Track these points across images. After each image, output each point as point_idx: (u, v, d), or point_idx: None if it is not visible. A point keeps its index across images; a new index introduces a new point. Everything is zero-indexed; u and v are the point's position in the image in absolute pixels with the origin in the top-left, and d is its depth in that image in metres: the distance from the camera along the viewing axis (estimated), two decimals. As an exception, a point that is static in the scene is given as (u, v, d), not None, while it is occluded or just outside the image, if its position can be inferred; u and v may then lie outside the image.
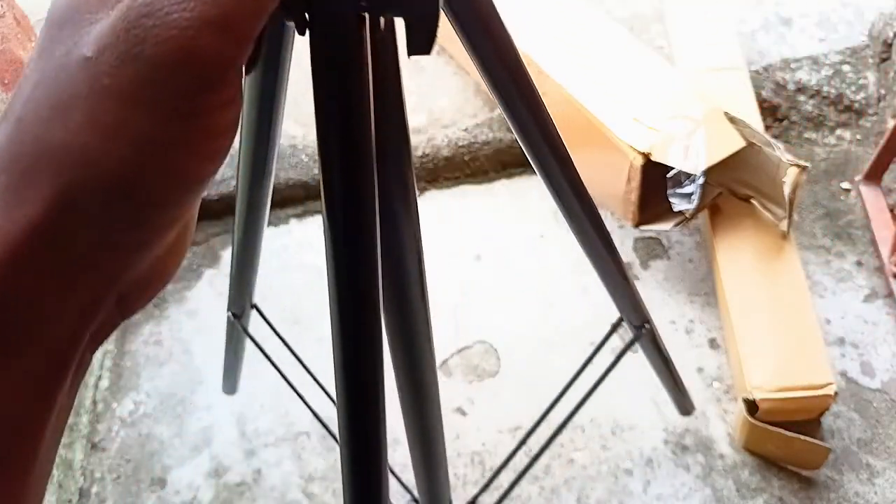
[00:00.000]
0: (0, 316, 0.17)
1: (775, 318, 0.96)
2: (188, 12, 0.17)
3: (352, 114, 0.25)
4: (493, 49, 0.40)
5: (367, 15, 0.24)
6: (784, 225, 1.00)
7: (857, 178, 1.19)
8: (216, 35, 0.18)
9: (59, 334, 0.19)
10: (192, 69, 0.18)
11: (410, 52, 0.26)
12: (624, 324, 0.74)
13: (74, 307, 0.19)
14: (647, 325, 0.76)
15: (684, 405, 0.91)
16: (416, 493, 0.62)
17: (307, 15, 0.23)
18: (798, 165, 0.96)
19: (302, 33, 0.24)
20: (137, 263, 0.20)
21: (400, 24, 0.25)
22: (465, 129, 1.27)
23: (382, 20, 0.25)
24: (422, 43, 0.25)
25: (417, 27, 0.24)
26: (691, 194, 0.96)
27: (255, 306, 0.76)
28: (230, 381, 0.92)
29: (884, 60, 1.29)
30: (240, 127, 0.33)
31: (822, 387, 0.89)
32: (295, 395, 0.84)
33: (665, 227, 1.02)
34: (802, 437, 0.89)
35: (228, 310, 0.75)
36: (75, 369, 0.20)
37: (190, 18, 0.17)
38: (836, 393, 0.89)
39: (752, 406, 0.91)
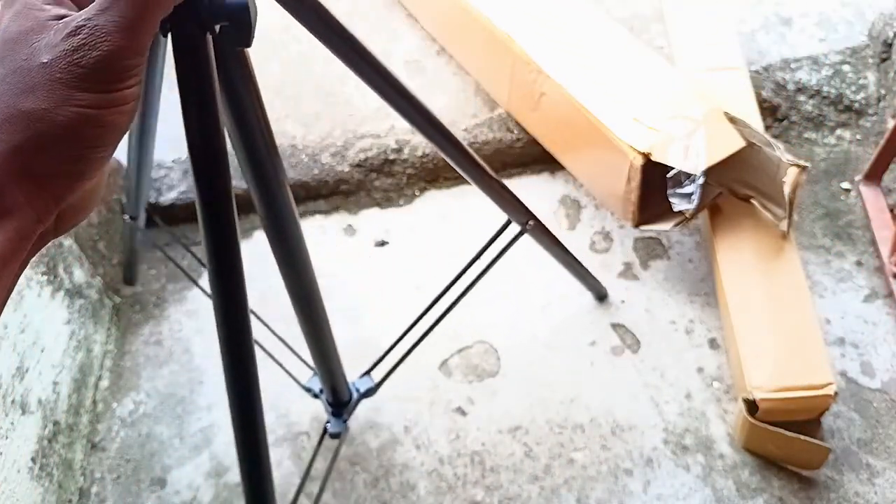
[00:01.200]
0: None
1: (775, 317, 0.96)
2: (106, 43, 0.30)
3: (202, 90, 0.39)
4: (323, 23, 0.55)
5: (205, 27, 0.38)
6: (784, 225, 1.00)
7: (857, 178, 1.19)
8: (129, 48, 0.31)
9: (23, 222, 0.30)
10: (115, 66, 0.31)
11: (237, 45, 0.42)
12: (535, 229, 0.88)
13: (33, 209, 0.31)
14: (531, 222, 0.87)
15: (596, 289, 1.07)
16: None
17: (168, 25, 0.37)
18: (798, 165, 0.96)
19: (164, 36, 0.37)
20: (75, 191, 0.32)
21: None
22: (465, 129, 1.27)
23: (217, 26, 0.38)
24: (243, 39, 0.39)
25: (237, 28, 0.38)
26: (691, 194, 0.96)
27: (149, 210, 1.05)
28: (129, 273, 1.19)
29: (884, 60, 1.29)
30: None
31: (822, 387, 0.89)
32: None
33: (665, 227, 1.02)
34: (802, 437, 0.89)
35: (125, 213, 1.03)
36: (27, 254, 0.32)
37: (108, 45, 0.31)
38: (836, 393, 0.89)
39: (752, 406, 0.91)
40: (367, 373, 0.90)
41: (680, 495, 0.94)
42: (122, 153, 1.28)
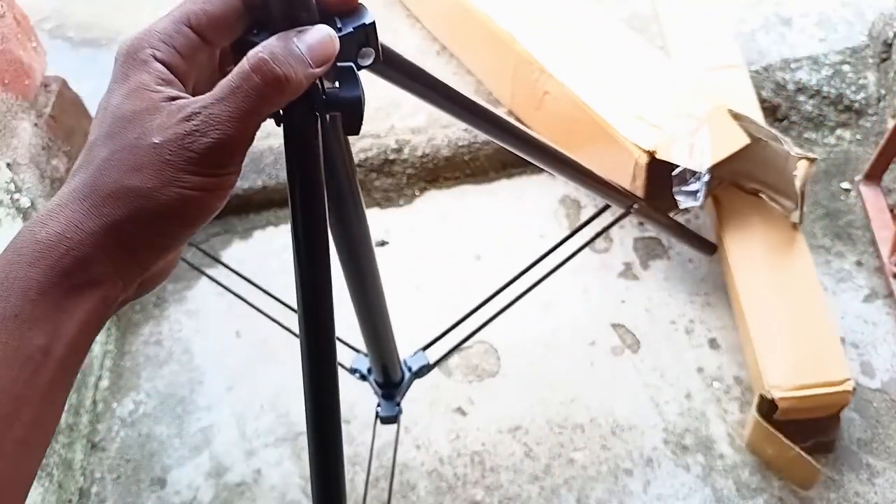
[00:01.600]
0: (85, 272, 0.31)
1: (789, 314, 0.96)
2: (217, 131, 0.32)
3: (309, 168, 0.40)
4: (428, 85, 0.57)
5: (317, 113, 0.39)
6: (795, 216, 1.00)
7: (857, 178, 1.19)
8: (239, 138, 0.32)
9: (110, 291, 0.32)
10: (223, 153, 0.32)
11: (345, 132, 0.43)
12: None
13: (121, 278, 0.32)
14: (635, 205, 0.88)
15: (705, 247, 1.08)
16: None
17: (281, 113, 0.38)
18: (807, 158, 0.96)
19: (278, 124, 0.38)
20: (160, 261, 0.34)
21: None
22: (466, 129, 1.27)
23: (328, 116, 0.40)
24: (353, 127, 0.40)
25: (348, 117, 0.40)
26: (697, 192, 0.96)
27: None
28: None
29: (884, 60, 1.29)
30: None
31: (840, 383, 0.89)
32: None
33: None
34: (799, 450, 0.88)
35: None
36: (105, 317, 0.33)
37: (219, 133, 0.32)
38: (854, 389, 0.89)
39: (770, 405, 0.91)
40: (424, 349, 0.87)
41: (680, 495, 0.94)
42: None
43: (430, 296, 1.15)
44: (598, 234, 0.96)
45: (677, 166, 0.96)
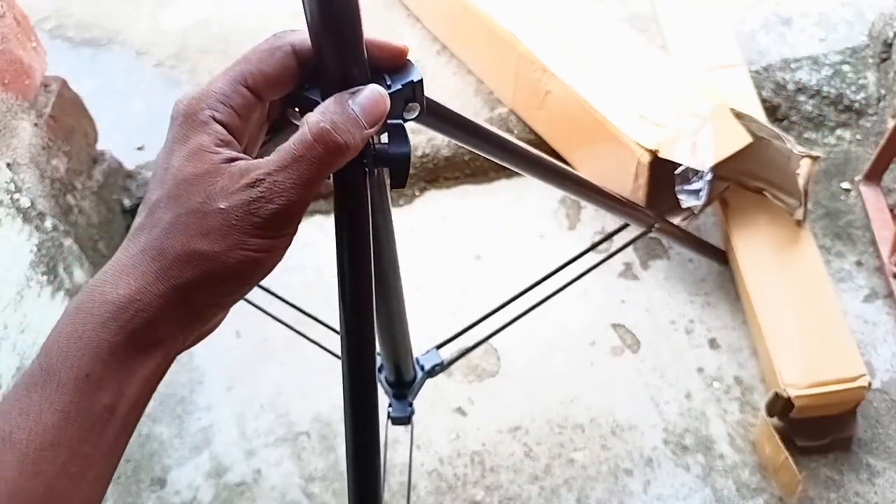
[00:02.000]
0: (152, 332, 0.32)
1: (801, 312, 0.97)
2: (282, 198, 0.33)
3: (357, 219, 0.42)
4: (467, 130, 0.59)
5: (367, 167, 0.40)
6: (799, 213, 1.01)
7: (857, 178, 1.19)
8: (301, 203, 0.34)
9: (172, 348, 0.34)
10: (286, 217, 0.33)
11: (393, 187, 0.43)
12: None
13: (182, 335, 0.34)
14: (657, 224, 0.90)
15: (719, 257, 1.10)
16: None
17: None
18: (810, 156, 0.96)
19: (328, 178, 0.39)
20: (220, 317, 0.36)
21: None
22: (465, 129, 1.27)
23: (375, 170, 0.42)
24: (400, 181, 0.41)
25: (396, 172, 0.41)
26: (699, 190, 0.97)
27: None
28: None
29: (884, 60, 1.29)
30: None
31: (855, 379, 0.89)
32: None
33: (673, 222, 1.02)
34: (788, 455, 0.89)
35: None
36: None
37: (283, 200, 0.33)
38: (869, 384, 0.89)
39: (785, 404, 0.91)
40: (438, 348, 0.85)
41: (680, 495, 0.94)
42: (121, 154, 1.28)
43: (430, 296, 1.15)
44: (617, 251, 0.95)
45: (680, 165, 0.96)
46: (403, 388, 0.80)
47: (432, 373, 0.83)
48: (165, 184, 0.34)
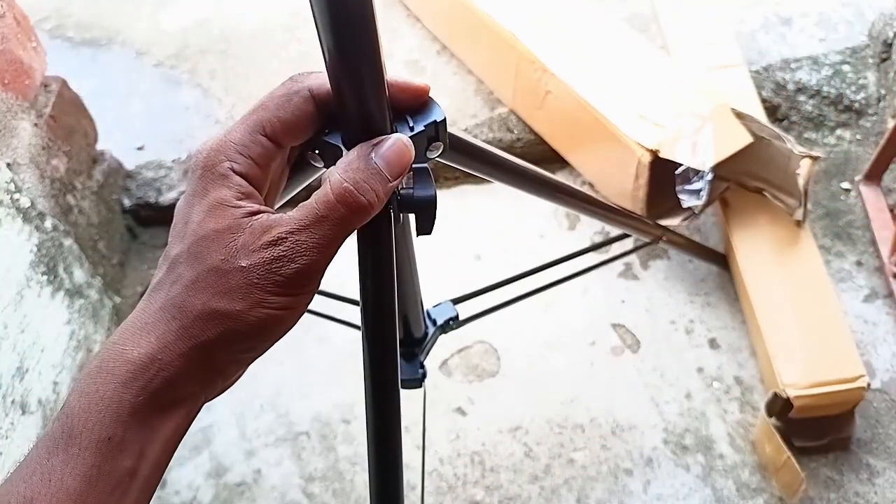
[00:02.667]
0: (173, 392, 0.32)
1: (800, 312, 0.97)
2: (304, 258, 0.32)
3: (381, 264, 0.41)
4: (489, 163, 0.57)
5: (392, 212, 0.39)
6: (799, 214, 1.01)
7: (857, 178, 1.19)
8: (323, 262, 0.33)
9: (194, 407, 0.33)
10: (309, 276, 0.33)
11: (418, 234, 0.42)
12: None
13: (204, 393, 0.33)
14: (664, 237, 0.91)
15: (721, 262, 1.10)
16: None
17: None
18: (810, 156, 0.96)
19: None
20: (240, 373, 0.35)
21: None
22: (465, 129, 1.27)
23: (401, 215, 0.40)
24: (426, 227, 0.40)
25: (422, 218, 0.40)
26: (700, 190, 0.97)
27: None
28: None
29: (884, 60, 1.29)
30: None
31: (854, 379, 0.89)
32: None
33: (673, 222, 1.02)
34: (790, 455, 0.89)
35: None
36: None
37: (306, 259, 0.32)
38: (869, 384, 0.89)
39: (784, 404, 0.91)
40: (455, 303, 0.77)
41: (680, 495, 0.94)
42: (121, 155, 1.28)
43: (430, 296, 1.15)
44: (618, 256, 0.97)
45: (680, 165, 0.96)
46: (413, 346, 0.71)
47: (446, 328, 0.74)
48: (185, 239, 0.33)
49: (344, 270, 0.67)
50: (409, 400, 1.07)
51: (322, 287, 0.83)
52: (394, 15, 1.48)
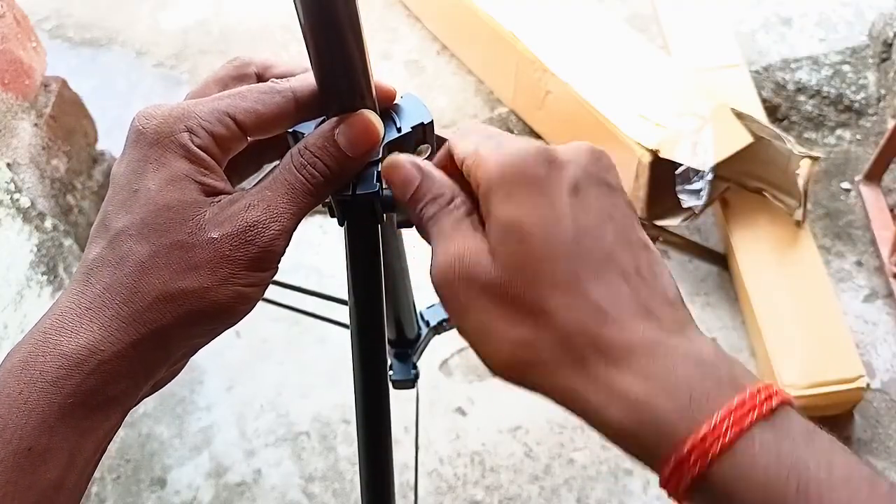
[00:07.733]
0: (113, 388, 0.28)
1: (800, 313, 0.97)
2: (277, 224, 0.31)
3: (368, 267, 0.42)
4: None
5: (376, 208, 0.39)
6: (798, 214, 1.01)
7: (857, 178, 1.19)
8: (288, 233, 0.32)
9: (130, 402, 0.29)
10: (278, 247, 0.31)
11: (404, 226, 0.44)
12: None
13: (146, 384, 0.30)
14: (660, 238, 0.91)
15: (719, 261, 1.07)
16: None
17: (342, 213, 0.40)
18: (810, 157, 0.96)
19: (341, 225, 0.40)
20: (182, 364, 0.32)
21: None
22: (465, 129, 1.27)
23: (385, 215, 0.41)
24: (406, 224, 0.40)
25: (403, 219, 0.40)
26: (700, 190, 0.97)
27: None
28: None
29: (884, 60, 1.29)
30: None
31: (853, 380, 0.89)
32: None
33: (674, 222, 1.02)
34: None
35: None
36: None
37: (278, 226, 0.31)
38: (868, 385, 0.89)
39: None
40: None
41: (680, 495, 0.94)
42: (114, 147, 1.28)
43: (430, 295, 1.15)
44: None
45: (680, 165, 0.96)
46: (406, 347, 0.71)
47: (439, 329, 0.73)
48: (135, 210, 0.29)
49: (342, 272, 0.67)
50: (409, 401, 1.07)
51: (320, 289, 0.83)
52: (394, 15, 1.48)
